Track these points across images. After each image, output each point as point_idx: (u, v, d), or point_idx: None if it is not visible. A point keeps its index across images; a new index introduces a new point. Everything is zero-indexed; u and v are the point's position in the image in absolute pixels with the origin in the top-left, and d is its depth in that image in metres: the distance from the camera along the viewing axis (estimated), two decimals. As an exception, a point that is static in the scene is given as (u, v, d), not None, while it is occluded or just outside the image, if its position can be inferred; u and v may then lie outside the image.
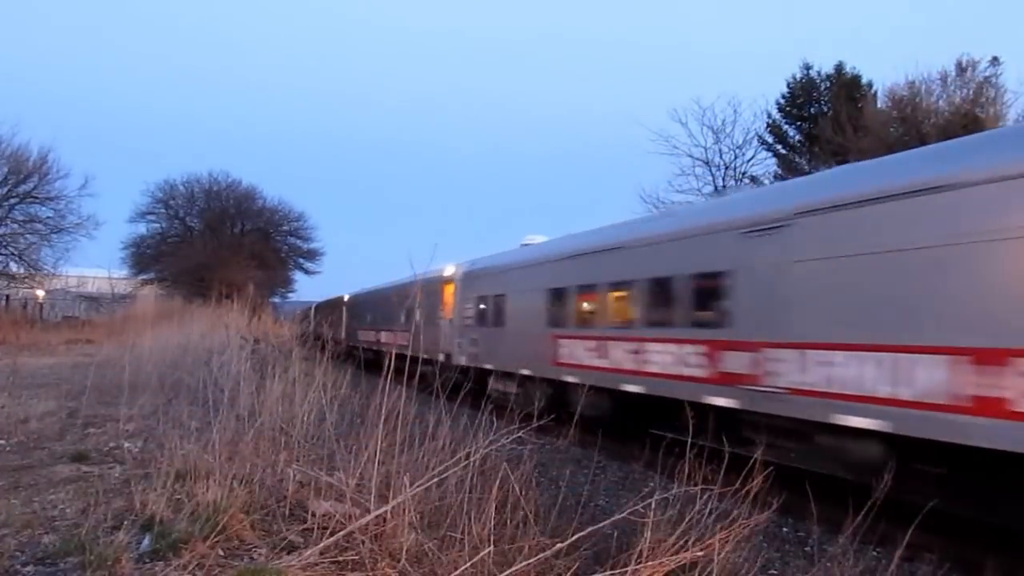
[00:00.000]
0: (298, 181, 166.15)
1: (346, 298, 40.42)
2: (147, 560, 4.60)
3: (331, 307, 44.78)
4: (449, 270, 21.09)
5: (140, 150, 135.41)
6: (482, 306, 18.62)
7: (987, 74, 29.50)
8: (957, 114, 28.03)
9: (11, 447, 8.54)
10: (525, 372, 15.56)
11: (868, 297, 7.59)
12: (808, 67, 37.81)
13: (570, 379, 13.58)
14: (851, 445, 7.89)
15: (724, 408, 9.50)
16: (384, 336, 27.92)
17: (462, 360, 19.10)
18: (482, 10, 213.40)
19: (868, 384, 7.41)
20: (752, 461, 5.43)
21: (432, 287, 22.00)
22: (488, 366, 17.59)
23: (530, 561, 4.34)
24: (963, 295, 6.74)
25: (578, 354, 13.58)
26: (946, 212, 6.93)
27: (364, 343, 30.48)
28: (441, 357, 19.95)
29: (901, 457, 7.20)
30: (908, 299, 7.22)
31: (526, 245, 18.56)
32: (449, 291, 21.17)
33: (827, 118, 33.66)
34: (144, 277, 56.10)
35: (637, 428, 11.11)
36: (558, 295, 14.60)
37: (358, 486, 5.44)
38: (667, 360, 10.82)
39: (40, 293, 51.36)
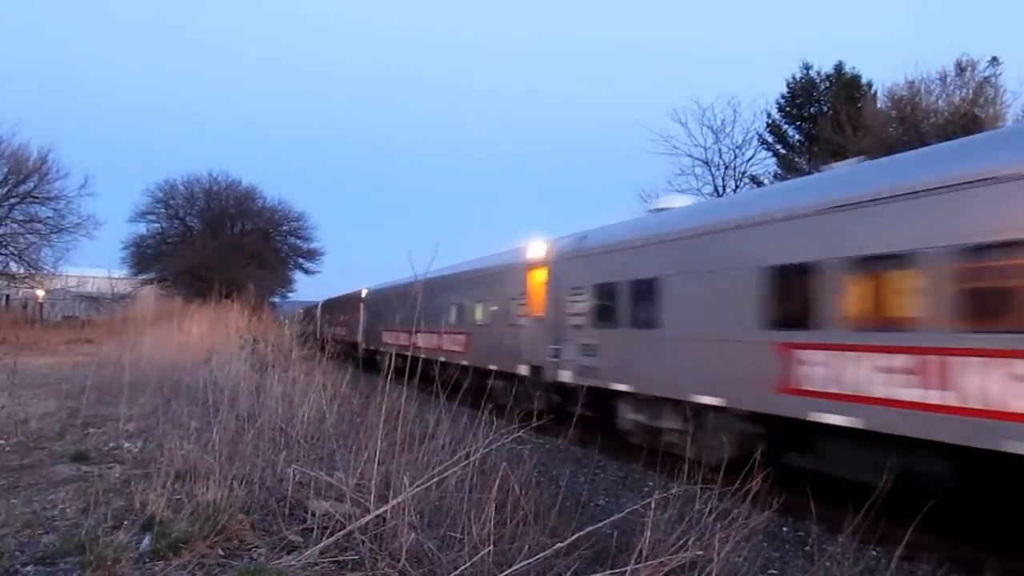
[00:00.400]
0: (298, 181, 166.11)
1: (364, 293, 34.04)
2: (147, 560, 4.60)
3: (342, 305, 39.63)
4: (537, 250, 15.84)
5: (140, 150, 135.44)
6: (605, 297, 12.80)
7: (986, 74, 29.56)
8: (956, 114, 28.04)
9: (11, 447, 8.53)
10: (707, 401, 9.88)
11: None
12: (808, 67, 37.90)
13: (830, 419, 7.91)
14: None
15: None
16: (423, 339, 21.53)
17: (565, 376, 13.81)
18: (481, 10, 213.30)
19: None
20: (751, 461, 5.44)
21: (504, 275, 17.41)
22: (619, 386, 12.03)
23: (530, 561, 4.34)
24: None
25: (854, 376, 7.67)
26: None
27: (391, 347, 24.47)
28: (523, 370, 15.50)
29: None
30: None
31: (661, 210, 13.33)
32: (538, 279, 15.75)
33: (827, 118, 33.68)
34: (144, 277, 56.08)
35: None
36: (798, 276, 8.57)
37: (358, 486, 5.45)
38: None
39: (40, 293, 51.36)
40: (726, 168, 38.86)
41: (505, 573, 4.23)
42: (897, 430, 7.23)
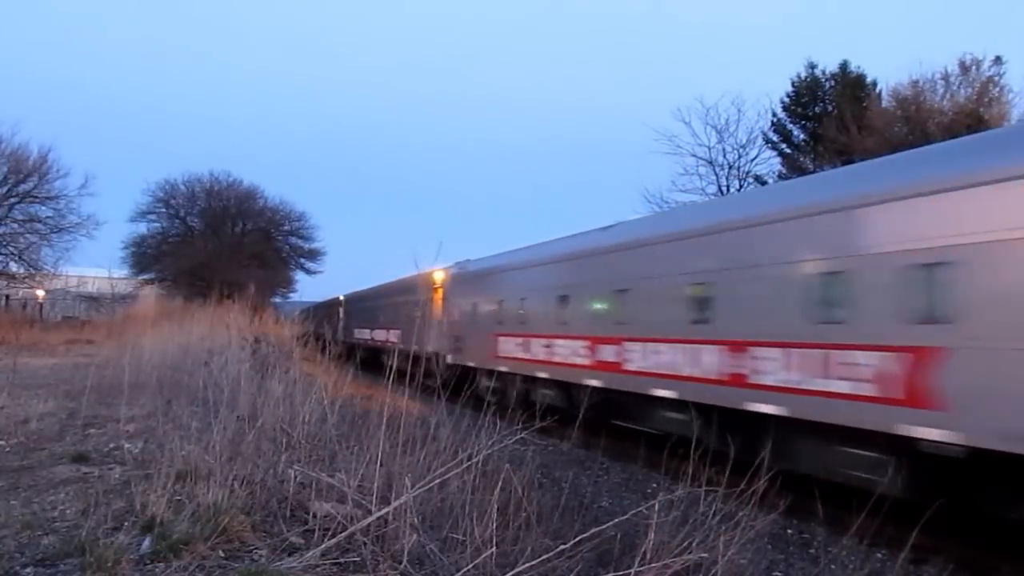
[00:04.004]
0: (299, 180, 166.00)
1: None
2: (147, 562, 4.56)
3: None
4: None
5: (141, 149, 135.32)
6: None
7: (990, 73, 29.51)
8: (961, 113, 28.00)
9: (11, 448, 8.51)
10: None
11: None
12: (813, 66, 37.76)
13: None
14: None
15: None
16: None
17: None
18: (481, 7, 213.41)
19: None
20: (756, 462, 5.39)
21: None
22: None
23: (533, 563, 4.30)
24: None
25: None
26: None
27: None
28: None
29: None
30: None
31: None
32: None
33: (832, 117, 33.61)
34: (145, 277, 56.11)
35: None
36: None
37: (359, 487, 5.41)
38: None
39: (40, 293, 51.35)
40: (730, 168, 38.82)
41: (507, 575, 4.19)
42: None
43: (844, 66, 36.88)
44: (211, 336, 17.63)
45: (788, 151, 38.26)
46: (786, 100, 38.22)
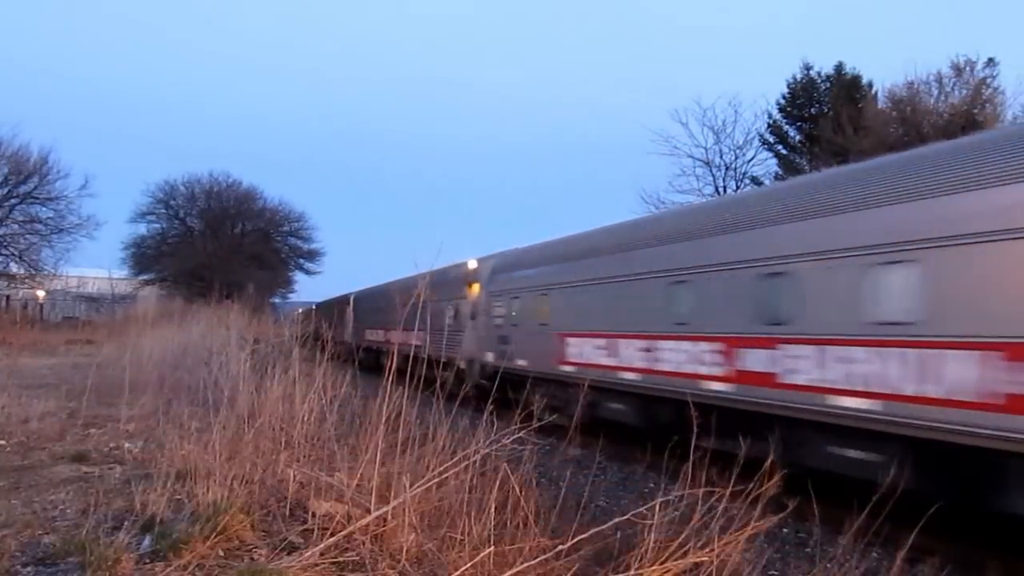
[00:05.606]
0: (299, 180, 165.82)
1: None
2: (147, 560, 4.59)
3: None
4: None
5: (141, 149, 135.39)
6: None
7: (983, 75, 29.60)
8: (956, 115, 28.07)
9: (11, 447, 8.53)
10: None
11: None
12: (808, 67, 37.84)
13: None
14: None
15: None
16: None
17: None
18: (481, 8, 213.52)
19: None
20: (765, 465, 5.38)
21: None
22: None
23: (531, 562, 4.33)
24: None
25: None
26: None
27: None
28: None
29: None
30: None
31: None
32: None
33: (827, 118, 33.69)
34: (144, 277, 56.17)
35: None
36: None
37: (358, 486, 5.43)
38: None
39: (40, 293, 51.31)
40: (727, 169, 38.90)
41: (506, 574, 4.22)
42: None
43: (839, 67, 36.96)
44: (211, 336, 17.63)
45: (784, 152, 38.36)
46: (782, 101, 38.30)
